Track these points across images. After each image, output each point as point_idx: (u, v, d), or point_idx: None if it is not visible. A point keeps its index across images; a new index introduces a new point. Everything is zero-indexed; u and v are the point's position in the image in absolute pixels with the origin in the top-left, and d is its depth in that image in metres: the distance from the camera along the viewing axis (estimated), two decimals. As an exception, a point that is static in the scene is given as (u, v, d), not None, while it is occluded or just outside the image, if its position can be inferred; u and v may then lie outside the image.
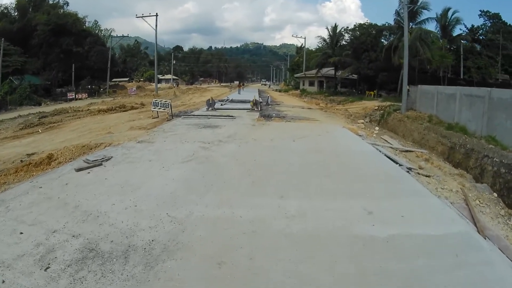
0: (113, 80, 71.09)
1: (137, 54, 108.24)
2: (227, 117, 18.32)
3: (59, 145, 14.01)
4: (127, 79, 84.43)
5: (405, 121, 20.31)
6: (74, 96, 43.35)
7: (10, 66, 40.35)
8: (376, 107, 28.36)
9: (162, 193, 6.67)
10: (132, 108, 28.60)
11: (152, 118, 20.12)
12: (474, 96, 15.46)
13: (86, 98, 44.33)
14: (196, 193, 6.66)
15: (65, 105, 34.51)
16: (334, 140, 12.71)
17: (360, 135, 15.77)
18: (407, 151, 14.18)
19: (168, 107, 19.64)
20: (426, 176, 9.22)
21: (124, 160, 9.39)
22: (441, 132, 15.64)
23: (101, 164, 9.23)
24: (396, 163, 10.18)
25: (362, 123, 22.64)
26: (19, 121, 22.52)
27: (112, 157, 9.85)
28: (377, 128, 21.74)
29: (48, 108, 32.53)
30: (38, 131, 19.23)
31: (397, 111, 23.06)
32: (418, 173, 9.39)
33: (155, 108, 20.23)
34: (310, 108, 30.42)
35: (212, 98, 22.85)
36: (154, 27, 42.86)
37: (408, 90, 23.32)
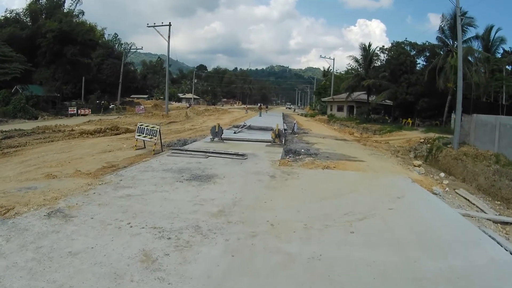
0: (131, 96, 67.94)
1: (159, 71, 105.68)
2: (235, 156, 12.30)
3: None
4: (146, 96, 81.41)
5: (463, 161, 16.10)
6: (75, 112, 38.89)
7: (8, 74, 36.40)
8: (422, 140, 23.17)
9: None
10: (127, 131, 23.27)
11: (135, 149, 14.80)
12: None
13: (89, 114, 39.74)
14: None
15: (57, 122, 30.00)
16: (420, 223, 6.55)
17: (435, 193, 10.44)
18: (506, 223, 9.54)
19: (156, 135, 14.12)
20: None
21: None
22: (519, 180, 12.09)
23: None
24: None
25: (419, 165, 17.08)
26: (-27, 142, 17.45)
27: None
28: (442, 174, 16.27)
29: (34, 123, 27.80)
30: (-17, 158, 14.08)
31: (448, 146, 19.03)
32: None
33: (139, 135, 14.77)
34: (344, 140, 24.89)
35: (219, 125, 16.96)
36: (167, 38, 38.34)
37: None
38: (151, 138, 14.22)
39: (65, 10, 47.22)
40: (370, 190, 8.71)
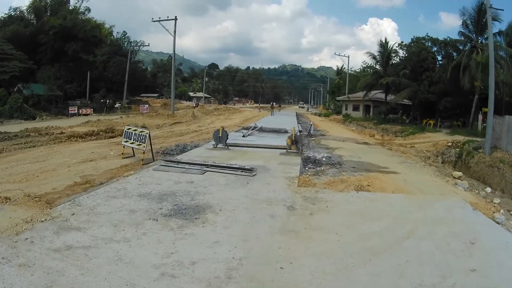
0: (141, 95, 66.16)
1: (170, 69, 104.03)
2: (240, 172, 9.63)
3: None
4: (156, 95, 79.79)
5: (500, 169, 14.31)
6: (77, 111, 36.92)
7: (7, 72, 34.65)
8: (450, 143, 20.92)
9: None
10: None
11: (122, 158, 12.41)
12: None
13: (91, 114, 37.72)
14: None
15: (55, 122, 28.30)
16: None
17: (498, 222, 7.98)
18: None
19: (145, 142, 11.66)
20: None
21: None
22: None
23: None
24: None
25: (460, 177, 14.41)
26: None
27: None
28: (488, 189, 13.29)
29: (30, 124, 25.99)
30: None
31: (479, 150, 17.38)
32: None
33: (126, 142, 12.33)
34: (366, 143, 22.27)
35: (223, 129, 14.25)
36: (173, 33, 36.05)
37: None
38: (140, 145, 11.78)
39: (70, 7, 45.71)
40: (430, 229, 5.95)
